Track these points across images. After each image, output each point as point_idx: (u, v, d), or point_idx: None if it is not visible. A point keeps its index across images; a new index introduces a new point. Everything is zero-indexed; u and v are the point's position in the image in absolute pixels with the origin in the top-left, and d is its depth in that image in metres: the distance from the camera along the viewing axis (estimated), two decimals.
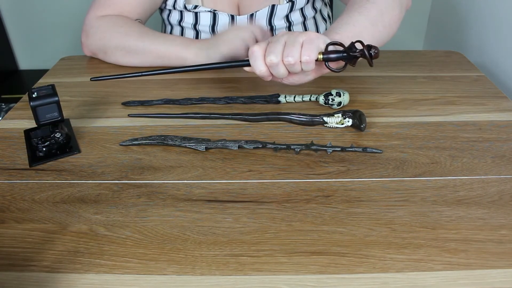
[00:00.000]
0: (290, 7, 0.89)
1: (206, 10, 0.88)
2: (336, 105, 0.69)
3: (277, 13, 0.89)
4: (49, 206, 0.52)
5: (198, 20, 0.90)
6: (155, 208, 0.51)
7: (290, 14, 0.90)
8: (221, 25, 0.90)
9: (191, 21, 0.91)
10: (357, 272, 0.43)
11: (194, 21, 0.91)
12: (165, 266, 0.44)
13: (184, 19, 0.91)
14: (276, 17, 0.90)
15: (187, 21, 0.91)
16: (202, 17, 0.90)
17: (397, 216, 0.49)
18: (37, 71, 1.63)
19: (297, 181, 0.55)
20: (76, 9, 1.48)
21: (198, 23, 0.91)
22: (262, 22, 0.90)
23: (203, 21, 0.90)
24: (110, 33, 0.82)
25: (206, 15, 0.89)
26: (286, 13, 0.90)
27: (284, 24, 0.91)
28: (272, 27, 0.91)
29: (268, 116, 0.67)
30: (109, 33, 0.83)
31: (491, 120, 0.66)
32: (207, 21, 0.90)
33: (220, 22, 0.90)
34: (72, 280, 0.43)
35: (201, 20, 0.90)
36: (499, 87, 0.77)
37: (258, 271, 0.43)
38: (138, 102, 0.74)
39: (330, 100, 0.69)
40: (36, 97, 0.58)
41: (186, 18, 0.91)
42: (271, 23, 0.91)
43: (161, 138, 0.63)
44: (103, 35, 0.83)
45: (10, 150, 0.63)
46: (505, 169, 0.56)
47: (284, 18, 0.90)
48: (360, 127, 0.63)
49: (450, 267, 0.43)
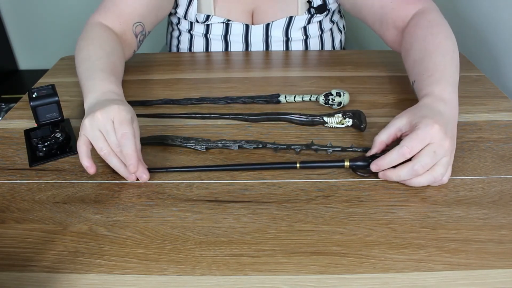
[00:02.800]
0: (308, 19, 0.87)
1: (218, 22, 0.87)
2: (336, 105, 0.69)
3: (294, 24, 0.87)
4: (49, 206, 0.52)
5: (209, 30, 0.89)
6: (155, 208, 0.51)
7: (308, 26, 0.89)
8: (234, 35, 0.89)
9: (201, 31, 0.89)
10: (357, 272, 0.43)
11: (205, 31, 0.89)
12: (165, 266, 0.44)
13: (194, 28, 0.90)
14: (293, 28, 0.88)
15: (197, 30, 0.90)
16: (214, 26, 0.88)
17: (397, 216, 0.49)
18: (37, 71, 1.63)
19: (297, 181, 0.55)
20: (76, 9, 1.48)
21: (209, 32, 0.89)
22: (278, 32, 0.88)
23: (214, 30, 0.89)
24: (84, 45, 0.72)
25: (219, 25, 0.88)
26: (303, 24, 0.88)
27: (302, 36, 0.90)
28: (288, 39, 0.90)
29: (268, 116, 0.67)
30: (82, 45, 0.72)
31: (491, 120, 0.66)
32: (219, 30, 0.89)
33: (233, 31, 0.88)
34: (72, 280, 0.43)
35: (213, 29, 0.89)
36: (499, 87, 0.77)
37: (258, 271, 0.43)
38: (138, 102, 0.74)
39: (330, 100, 0.69)
40: (36, 97, 0.58)
41: (196, 28, 0.89)
42: (287, 35, 0.89)
43: (161, 138, 0.63)
44: (79, 44, 0.73)
45: (10, 150, 0.63)
46: (505, 169, 0.56)
47: (301, 29, 0.89)
48: (360, 127, 0.63)
49: (450, 267, 0.43)
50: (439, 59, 0.63)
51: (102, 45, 0.72)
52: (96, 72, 0.65)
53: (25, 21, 1.64)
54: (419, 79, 0.63)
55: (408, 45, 0.69)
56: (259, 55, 0.91)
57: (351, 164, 0.55)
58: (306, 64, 0.88)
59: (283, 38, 0.89)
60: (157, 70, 0.84)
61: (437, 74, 0.61)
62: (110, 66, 0.67)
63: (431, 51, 0.64)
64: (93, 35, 0.74)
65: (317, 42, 0.92)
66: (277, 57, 0.90)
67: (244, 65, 0.87)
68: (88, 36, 0.74)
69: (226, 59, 0.91)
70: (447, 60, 0.63)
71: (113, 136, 0.53)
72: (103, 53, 0.70)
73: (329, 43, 0.94)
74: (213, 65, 0.87)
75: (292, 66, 0.86)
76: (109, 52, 0.71)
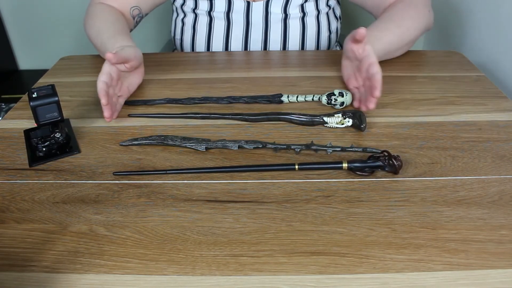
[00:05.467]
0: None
1: None
2: (339, 105, 0.69)
3: (292, 2, 0.91)
4: (49, 206, 0.52)
5: (213, 7, 0.92)
6: (155, 208, 0.51)
7: (305, 4, 0.92)
8: (236, 11, 0.92)
9: (205, 8, 0.92)
10: (357, 272, 0.43)
11: (209, 8, 0.92)
12: (165, 266, 0.44)
13: (198, 7, 0.93)
14: (291, 6, 0.91)
15: (202, 8, 0.93)
16: (217, 3, 0.91)
17: (397, 216, 0.49)
18: (37, 71, 1.63)
19: (297, 181, 0.55)
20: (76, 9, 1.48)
21: (213, 10, 0.92)
22: (277, 9, 0.91)
23: (218, 7, 0.92)
24: (92, 23, 0.84)
25: (221, 1, 0.91)
26: (301, 2, 0.91)
27: (299, 14, 0.92)
28: (286, 15, 0.92)
29: (269, 116, 0.67)
30: (91, 23, 0.85)
31: (491, 120, 0.66)
32: (222, 7, 0.91)
33: (235, 8, 0.91)
34: (72, 280, 0.43)
35: (216, 6, 0.91)
36: (499, 87, 0.77)
37: (258, 271, 0.43)
38: (141, 102, 0.74)
39: (333, 100, 0.69)
40: (36, 97, 0.58)
41: (201, 5, 0.92)
42: (286, 11, 0.92)
43: (161, 138, 0.63)
44: (88, 23, 0.86)
45: (10, 150, 0.63)
46: (505, 169, 0.56)
47: (299, 6, 0.92)
48: (360, 127, 0.63)
49: (450, 267, 0.43)
50: (390, 26, 0.79)
51: (107, 17, 0.84)
52: (109, 41, 0.77)
53: (25, 21, 1.64)
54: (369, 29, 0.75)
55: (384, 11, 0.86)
56: (259, 55, 0.91)
57: (349, 166, 0.55)
58: (306, 64, 0.88)
59: (281, 15, 0.92)
60: (157, 70, 0.84)
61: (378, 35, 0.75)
62: (118, 31, 0.80)
63: (392, 18, 0.80)
64: (97, 12, 0.86)
65: (313, 22, 0.94)
66: (276, 57, 0.90)
67: (244, 65, 0.87)
68: (94, 14, 0.86)
69: (226, 59, 0.91)
70: (395, 31, 0.79)
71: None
72: (109, 24, 0.82)
73: (325, 26, 0.96)
74: (213, 65, 0.87)
75: (292, 66, 0.86)
76: (114, 21, 0.83)
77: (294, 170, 0.56)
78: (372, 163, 0.55)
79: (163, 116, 0.70)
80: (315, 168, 0.57)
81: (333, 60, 0.87)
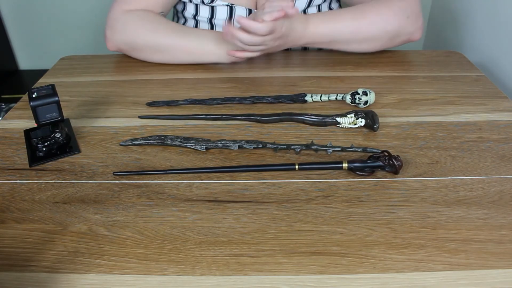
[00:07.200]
0: (308, 3, 0.89)
1: (223, 4, 0.89)
2: (363, 104, 0.69)
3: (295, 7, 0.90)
4: (49, 206, 0.52)
5: (214, 14, 0.90)
6: (155, 208, 0.51)
7: (307, 10, 0.91)
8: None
9: (206, 15, 0.91)
10: (357, 272, 0.43)
11: (210, 15, 0.91)
12: (165, 266, 0.44)
13: (199, 13, 0.91)
14: None
15: (203, 15, 0.91)
16: (218, 10, 0.90)
17: (397, 216, 0.49)
18: (37, 71, 1.63)
19: (297, 181, 0.55)
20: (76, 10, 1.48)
21: (214, 17, 0.91)
22: None
23: (219, 15, 0.90)
24: (139, 29, 0.81)
25: (223, 9, 0.90)
26: (304, 7, 0.90)
27: None
28: None
29: (281, 117, 0.67)
30: (137, 29, 0.82)
31: (491, 120, 0.66)
32: (224, 14, 0.90)
33: (237, 16, 0.90)
34: (72, 281, 0.43)
35: (217, 14, 0.90)
36: (499, 87, 0.77)
37: (258, 271, 0.43)
38: (163, 103, 0.73)
39: (357, 99, 0.69)
40: (36, 97, 0.58)
41: (201, 12, 0.91)
42: None
43: (161, 138, 0.63)
44: (130, 31, 0.82)
45: (10, 150, 0.63)
46: (505, 169, 0.56)
47: (301, 13, 0.90)
48: (373, 127, 0.63)
49: (450, 267, 0.43)
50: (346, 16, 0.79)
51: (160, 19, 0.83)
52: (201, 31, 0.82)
53: (25, 21, 1.64)
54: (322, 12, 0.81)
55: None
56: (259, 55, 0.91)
57: (349, 166, 0.55)
58: (306, 64, 0.88)
59: None
60: (157, 70, 0.84)
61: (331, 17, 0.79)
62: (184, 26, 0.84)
63: (354, 11, 0.80)
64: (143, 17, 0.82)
65: None
66: (276, 57, 0.90)
67: (244, 65, 0.87)
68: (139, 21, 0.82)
69: None
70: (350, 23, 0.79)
71: None
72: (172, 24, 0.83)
73: None
74: (213, 65, 0.87)
75: (292, 66, 0.86)
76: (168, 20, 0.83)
77: (294, 170, 0.56)
78: (372, 163, 0.55)
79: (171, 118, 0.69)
80: (315, 168, 0.57)
81: (333, 60, 0.87)
